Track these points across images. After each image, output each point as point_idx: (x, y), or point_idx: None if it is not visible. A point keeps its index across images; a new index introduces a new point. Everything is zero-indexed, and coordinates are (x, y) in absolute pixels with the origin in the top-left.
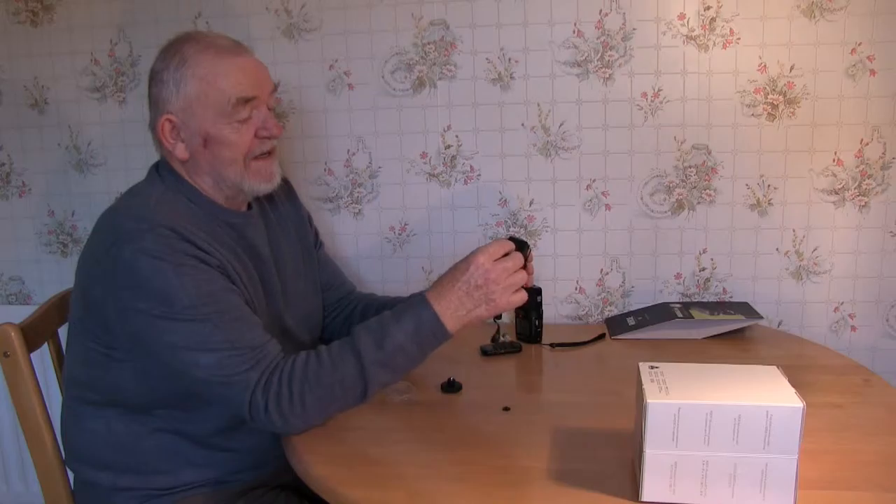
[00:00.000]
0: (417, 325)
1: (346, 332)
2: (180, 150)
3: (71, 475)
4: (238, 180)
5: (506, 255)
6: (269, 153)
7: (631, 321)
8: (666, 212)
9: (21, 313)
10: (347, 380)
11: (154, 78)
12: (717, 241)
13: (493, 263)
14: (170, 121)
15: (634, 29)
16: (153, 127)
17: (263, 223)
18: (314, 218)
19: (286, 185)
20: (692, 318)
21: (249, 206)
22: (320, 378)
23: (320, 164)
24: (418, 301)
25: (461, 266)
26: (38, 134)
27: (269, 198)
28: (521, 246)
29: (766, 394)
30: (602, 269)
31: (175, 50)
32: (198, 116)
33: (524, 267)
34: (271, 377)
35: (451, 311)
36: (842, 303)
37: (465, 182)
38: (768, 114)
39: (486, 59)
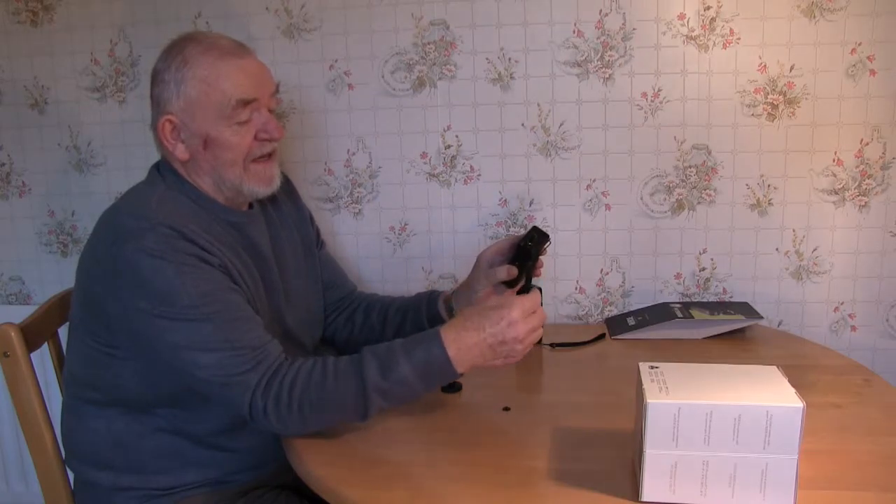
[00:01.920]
0: (427, 363)
1: (347, 331)
2: (180, 151)
3: (71, 475)
4: (237, 182)
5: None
6: (270, 156)
7: (631, 321)
8: (666, 212)
9: (21, 313)
10: (347, 401)
11: (155, 78)
12: (717, 241)
13: (524, 320)
14: (170, 121)
15: (634, 29)
16: (154, 127)
17: (265, 222)
18: (314, 218)
19: (287, 184)
20: (692, 318)
21: (251, 206)
22: (321, 393)
23: (320, 164)
24: (433, 339)
25: (492, 316)
26: (38, 134)
27: (271, 197)
28: (542, 238)
29: (766, 394)
30: (602, 269)
31: (177, 50)
32: (198, 117)
33: (536, 260)
34: (272, 380)
35: (469, 359)
36: (842, 303)
37: (465, 182)
38: (768, 114)
39: (486, 59)
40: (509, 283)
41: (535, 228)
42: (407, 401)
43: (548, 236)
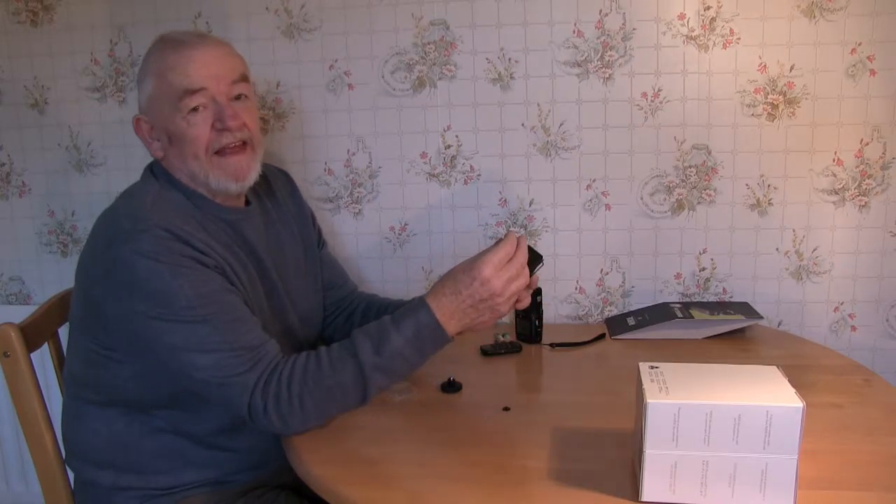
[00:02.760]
0: (417, 331)
1: (346, 331)
2: (156, 149)
3: (71, 475)
4: (203, 176)
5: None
6: (240, 149)
7: (631, 321)
8: (666, 212)
9: (21, 313)
10: (347, 384)
11: None
12: (717, 241)
13: (497, 275)
14: (143, 120)
15: (634, 29)
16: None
17: (262, 220)
18: (316, 217)
19: (289, 181)
20: (692, 318)
21: (248, 203)
22: (319, 382)
23: (320, 164)
24: (419, 306)
25: (465, 279)
26: (38, 134)
27: (270, 194)
28: (536, 259)
29: (766, 394)
30: (602, 269)
31: (147, 51)
32: (157, 112)
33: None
34: (270, 378)
35: (456, 321)
36: (842, 303)
37: (465, 182)
38: (768, 114)
39: (486, 59)
40: None
41: (528, 249)
42: (405, 374)
43: (541, 257)
